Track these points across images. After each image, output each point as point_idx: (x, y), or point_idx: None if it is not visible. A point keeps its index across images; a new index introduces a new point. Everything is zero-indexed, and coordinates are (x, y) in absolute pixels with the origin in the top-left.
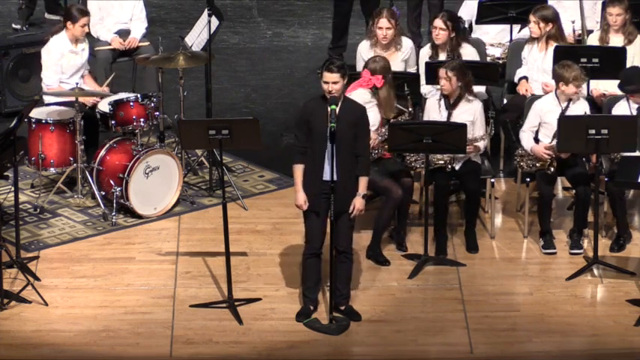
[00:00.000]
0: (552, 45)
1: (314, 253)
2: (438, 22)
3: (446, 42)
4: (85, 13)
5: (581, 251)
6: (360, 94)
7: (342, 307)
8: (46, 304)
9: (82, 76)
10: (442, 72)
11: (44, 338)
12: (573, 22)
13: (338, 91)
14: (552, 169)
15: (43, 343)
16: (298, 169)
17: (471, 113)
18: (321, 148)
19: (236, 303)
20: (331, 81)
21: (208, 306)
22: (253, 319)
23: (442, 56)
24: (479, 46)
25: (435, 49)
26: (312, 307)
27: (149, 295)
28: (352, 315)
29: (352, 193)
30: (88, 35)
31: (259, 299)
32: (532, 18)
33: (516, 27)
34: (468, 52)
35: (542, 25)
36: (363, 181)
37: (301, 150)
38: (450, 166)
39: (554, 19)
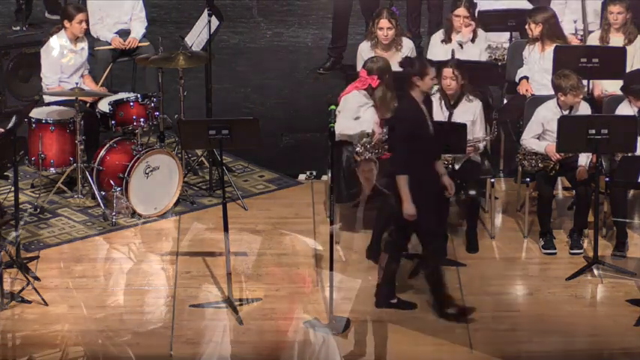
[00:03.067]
0: (549, 45)
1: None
2: (463, 11)
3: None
4: (81, 9)
5: (581, 251)
6: (354, 96)
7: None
8: (46, 304)
9: (82, 76)
10: (448, 71)
11: (44, 338)
12: (575, 22)
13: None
14: (554, 171)
15: (43, 343)
16: (404, 180)
17: (471, 113)
18: (430, 150)
19: (236, 303)
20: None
21: (208, 306)
22: (253, 319)
23: (455, 39)
24: None
25: (448, 34)
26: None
27: (149, 295)
28: (406, 305)
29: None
30: (88, 35)
31: (259, 299)
32: (527, 19)
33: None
34: (481, 36)
35: (532, 25)
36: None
37: (407, 163)
38: (450, 166)
39: (542, 20)
